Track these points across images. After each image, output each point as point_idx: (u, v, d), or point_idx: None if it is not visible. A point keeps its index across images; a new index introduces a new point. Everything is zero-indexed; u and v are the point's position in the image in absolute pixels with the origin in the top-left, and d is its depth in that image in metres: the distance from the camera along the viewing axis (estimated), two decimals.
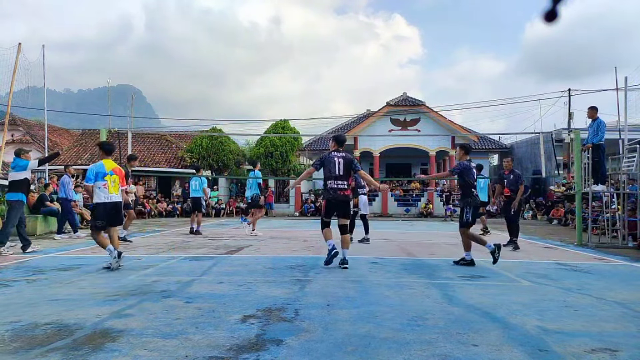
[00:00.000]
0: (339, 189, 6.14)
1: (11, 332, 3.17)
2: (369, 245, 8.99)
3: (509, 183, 8.79)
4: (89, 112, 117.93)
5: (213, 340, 2.99)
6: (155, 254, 7.60)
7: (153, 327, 3.29)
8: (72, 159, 24.35)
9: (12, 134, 26.74)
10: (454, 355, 2.75)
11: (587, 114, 10.07)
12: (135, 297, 4.24)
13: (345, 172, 6.16)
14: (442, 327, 3.36)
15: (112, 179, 6.18)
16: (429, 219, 21.50)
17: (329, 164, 6.16)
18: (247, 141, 31.00)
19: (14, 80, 13.09)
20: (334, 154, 6.23)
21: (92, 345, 2.88)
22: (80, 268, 6.04)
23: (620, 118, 14.73)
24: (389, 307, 3.96)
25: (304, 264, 6.44)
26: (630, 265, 6.91)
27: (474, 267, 6.34)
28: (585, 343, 3.01)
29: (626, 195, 9.91)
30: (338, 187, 6.13)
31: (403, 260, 7.05)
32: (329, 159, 6.18)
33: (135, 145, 24.01)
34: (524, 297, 4.40)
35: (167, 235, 11.37)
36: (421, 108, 25.44)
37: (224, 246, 8.63)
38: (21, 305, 3.94)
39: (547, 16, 1.32)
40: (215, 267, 6.20)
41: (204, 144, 24.01)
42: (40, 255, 7.43)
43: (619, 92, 14.13)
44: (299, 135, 23.70)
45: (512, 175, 8.81)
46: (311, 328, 3.29)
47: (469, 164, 6.67)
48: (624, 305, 4.14)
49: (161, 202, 22.00)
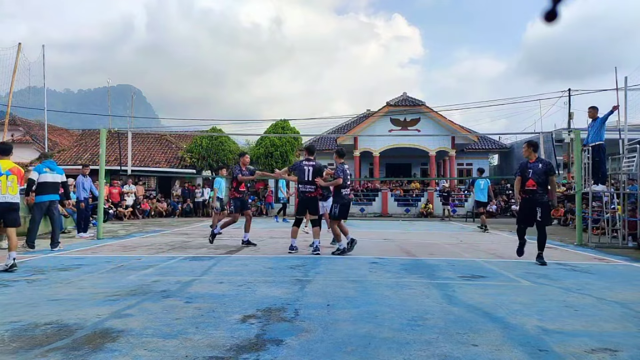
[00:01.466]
0: (307, 191, 7.53)
1: (11, 332, 3.17)
2: (369, 245, 9.00)
3: (536, 174, 6.88)
4: (89, 112, 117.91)
5: (213, 340, 2.99)
6: (155, 254, 7.59)
7: (153, 327, 3.29)
8: (72, 159, 24.35)
9: (12, 134, 26.73)
10: (454, 355, 2.75)
11: (588, 113, 10.09)
12: (135, 297, 4.24)
13: (313, 177, 7.46)
14: (442, 327, 3.36)
15: (8, 179, 6.11)
16: (429, 219, 21.50)
17: (300, 171, 7.53)
18: (247, 141, 31.04)
19: (14, 80, 13.10)
20: (305, 163, 7.57)
21: (92, 345, 2.88)
22: (80, 268, 6.04)
23: (620, 118, 14.74)
24: (389, 307, 3.96)
25: (304, 264, 6.44)
26: (630, 265, 6.91)
27: (474, 267, 6.34)
28: (585, 343, 3.01)
29: (626, 195, 9.91)
30: (306, 189, 7.52)
31: (403, 260, 7.05)
32: (300, 167, 7.54)
33: (135, 145, 24.00)
34: (524, 297, 4.40)
35: (167, 235, 11.37)
36: (421, 108, 25.44)
37: (224, 246, 8.63)
38: (21, 305, 3.94)
39: (547, 16, 1.32)
40: (215, 267, 6.20)
41: (204, 144, 24.01)
42: (40, 255, 7.44)
43: (619, 92, 14.13)
44: (299, 135, 23.69)
45: (540, 164, 6.88)
46: (311, 328, 3.29)
47: (343, 167, 7.53)
48: (624, 305, 4.14)
49: (161, 202, 22.00)
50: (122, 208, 18.77)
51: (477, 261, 6.97)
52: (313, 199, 7.65)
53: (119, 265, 6.27)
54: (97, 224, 10.71)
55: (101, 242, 9.59)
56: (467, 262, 6.89)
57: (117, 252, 7.87)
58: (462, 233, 12.84)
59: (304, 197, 7.62)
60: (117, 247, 8.54)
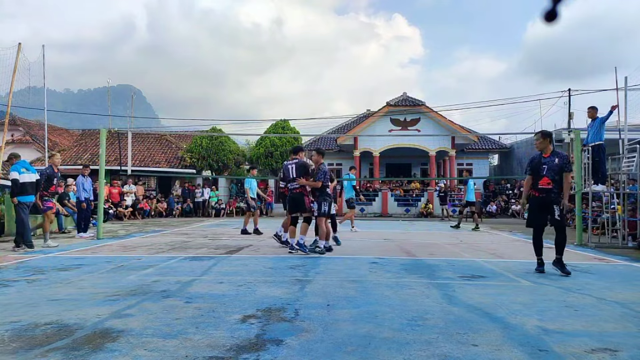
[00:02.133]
0: (293, 188, 7.75)
1: (11, 332, 3.17)
2: (369, 245, 9.00)
3: (552, 170, 5.78)
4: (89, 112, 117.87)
5: (213, 340, 2.99)
6: (155, 254, 7.59)
7: (153, 327, 3.29)
8: (72, 159, 24.34)
9: (12, 134, 26.73)
10: (454, 355, 2.75)
11: (588, 113, 10.09)
12: (135, 297, 4.24)
13: (298, 174, 7.67)
14: (442, 327, 3.36)
15: None
16: (429, 219, 21.50)
17: (285, 170, 7.89)
18: (247, 141, 31.02)
19: (14, 80, 13.10)
20: (288, 162, 7.97)
21: (92, 345, 2.88)
22: (80, 268, 6.04)
23: (620, 118, 14.73)
24: (389, 307, 3.96)
25: (304, 264, 6.44)
26: (630, 265, 6.91)
27: (474, 267, 6.33)
28: (585, 343, 3.01)
29: (626, 195, 9.91)
30: (293, 187, 7.74)
31: (403, 260, 7.05)
32: (285, 168, 7.92)
33: (135, 145, 24.00)
34: (524, 297, 4.40)
35: (167, 235, 11.37)
36: (421, 108, 25.43)
37: (224, 246, 8.63)
38: (21, 305, 3.94)
39: (547, 16, 1.32)
40: (215, 267, 6.20)
41: (204, 144, 24.01)
42: (40, 255, 7.44)
43: (619, 92, 14.13)
44: (299, 135, 23.70)
45: (556, 159, 5.80)
46: (311, 328, 3.29)
47: (324, 168, 7.80)
48: (624, 305, 4.14)
49: (161, 202, 21.99)
50: (122, 208, 18.78)
51: (477, 261, 6.97)
52: (299, 194, 7.68)
53: (119, 265, 6.27)
54: (97, 224, 10.72)
55: (101, 242, 9.59)
56: (467, 262, 6.89)
57: (117, 252, 7.87)
58: (462, 233, 12.84)
59: (291, 195, 7.74)
60: (117, 247, 8.54)
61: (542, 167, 5.83)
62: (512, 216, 23.28)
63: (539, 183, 5.82)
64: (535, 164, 5.94)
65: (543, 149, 5.97)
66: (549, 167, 5.79)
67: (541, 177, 5.81)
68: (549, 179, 5.76)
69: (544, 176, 5.80)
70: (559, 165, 5.76)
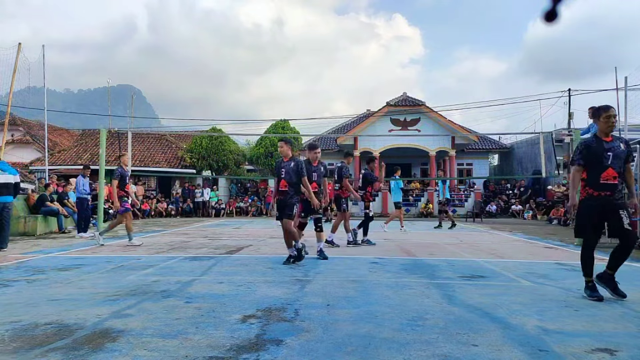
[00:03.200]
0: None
1: (11, 332, 3.17)
2: (368, 245, 9.00)
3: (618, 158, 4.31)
4: (89, 112, 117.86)
5: (213, 340, 2.99)
6: (155, 254, 7.59)
7: (153, 327, 3.29)
8: (72, 159, 24.35)
9: (12, 134, 26.74)
10: (454, 355, 2.74)
11: (588, 114, 10.08)
12: (135, 297, 4.24)
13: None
14: (442, 327, 3.36)
15: None
16: (429, 219, 21.49)
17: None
18: (247, 141, 31.03)
19: (14, 80, 13.10)
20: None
21: (92, 345, 2.88)
22: (80, 268, 6.04)
23: (620, 118, 14.74)
24: (389, 307, 3.95)
25: (304, 264, 6.44)
26: (630, 265, 6.90)
27: (474, 267, 6.33)
28: (585, 343, 3.01)
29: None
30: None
31: (403, 260, 7.05)
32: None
33: (135, 145, 23.99)
34: (524, 297, 4.40)
35: (167, 235, 11.37)
36: (421, 108, 25.43)
37: (224, 246, 8.63)
38: (21, 305, 3.94)
39: (547, 16, 1.32)
40: (215, 267, 6.20)
41: (204, 144, 24.01)
42: (40, 255, 7.44)
43: (619, 92, 14.14)
44: (299, 135, 23.69)
45: (621, 144, 4.40)
46: (311, 328, 3.29)
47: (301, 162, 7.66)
48: (624, 305, 4.14)
49: (161, 202, 21.99)
50: None
51: (477, 261, 6.97)
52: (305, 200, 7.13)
53: (119, 265, 6.27)
54: (97, 224, 10.71)
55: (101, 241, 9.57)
56: (467, 262, 6.89)
57: (117, 252, 7.87)
58: (462, 233, 12.84)
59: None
60: (117, 247, 8.54)
61: (607, 155, 4.24)
62: (512, 216, 23.29)
63: (601, 176, 4.24)
64: (594, 150, 4.29)
65: (606, 130, 4.38)
66: (615, 155, 4.24)
67: (605, 168, 4.23)
68: (615, 172, 4.23)
69: (608, 167, 4.23)
70: (626, 152, 4.30)
